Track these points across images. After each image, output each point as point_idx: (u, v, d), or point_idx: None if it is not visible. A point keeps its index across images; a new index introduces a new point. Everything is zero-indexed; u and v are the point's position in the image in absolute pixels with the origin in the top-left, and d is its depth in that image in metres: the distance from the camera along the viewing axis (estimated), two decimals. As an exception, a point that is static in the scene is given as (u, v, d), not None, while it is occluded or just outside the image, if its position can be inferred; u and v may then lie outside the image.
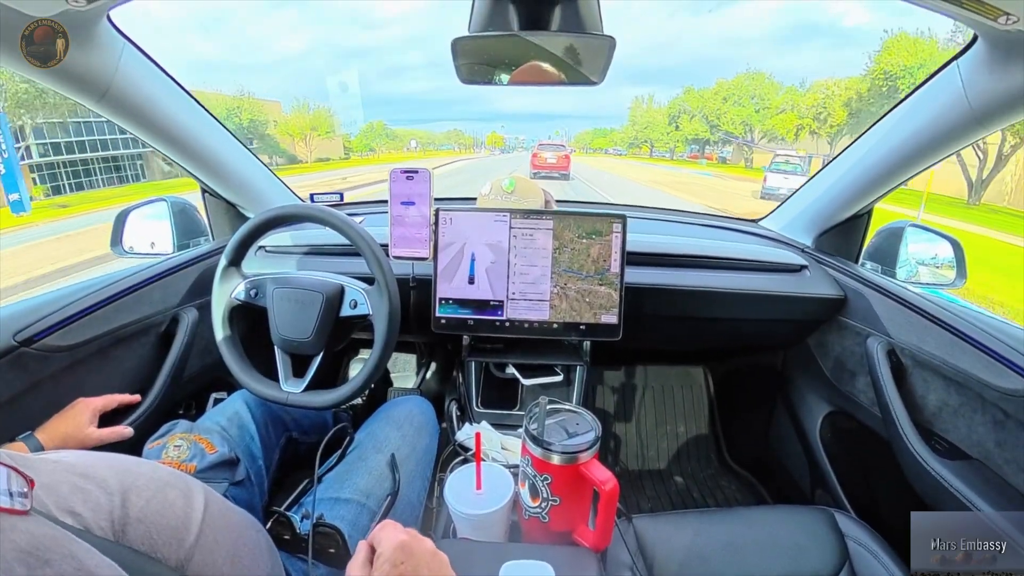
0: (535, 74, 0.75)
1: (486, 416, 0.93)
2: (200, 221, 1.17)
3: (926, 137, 0.82)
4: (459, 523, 0.64)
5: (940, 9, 0.59)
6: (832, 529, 0.75)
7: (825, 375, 1.10)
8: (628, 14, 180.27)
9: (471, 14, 0.67)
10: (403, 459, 0.79)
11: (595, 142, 73.61)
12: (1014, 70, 0.64)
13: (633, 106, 52.76)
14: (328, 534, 0.62)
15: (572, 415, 0.65)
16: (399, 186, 0.85)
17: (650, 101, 50.50)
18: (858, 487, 1.04)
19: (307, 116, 37.78)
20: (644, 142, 51.72)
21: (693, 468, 1.49)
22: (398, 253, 0.87)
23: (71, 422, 0.72)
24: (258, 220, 0.81)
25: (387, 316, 0.78)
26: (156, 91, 0.86)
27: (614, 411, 1.56)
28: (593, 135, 78.63)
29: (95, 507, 0.37)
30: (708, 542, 0.73)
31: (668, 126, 45.05)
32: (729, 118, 34.18)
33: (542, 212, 0.92)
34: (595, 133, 78.34)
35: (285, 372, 0.83)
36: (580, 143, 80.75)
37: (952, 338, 0.79)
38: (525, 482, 0.63)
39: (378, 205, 1.36)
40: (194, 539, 0.42)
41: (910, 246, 1.05)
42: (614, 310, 0.92)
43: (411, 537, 0.44)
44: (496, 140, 73.32)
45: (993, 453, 0.74)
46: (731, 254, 1.10)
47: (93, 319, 0.80)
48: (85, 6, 0.63)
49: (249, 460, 0.75)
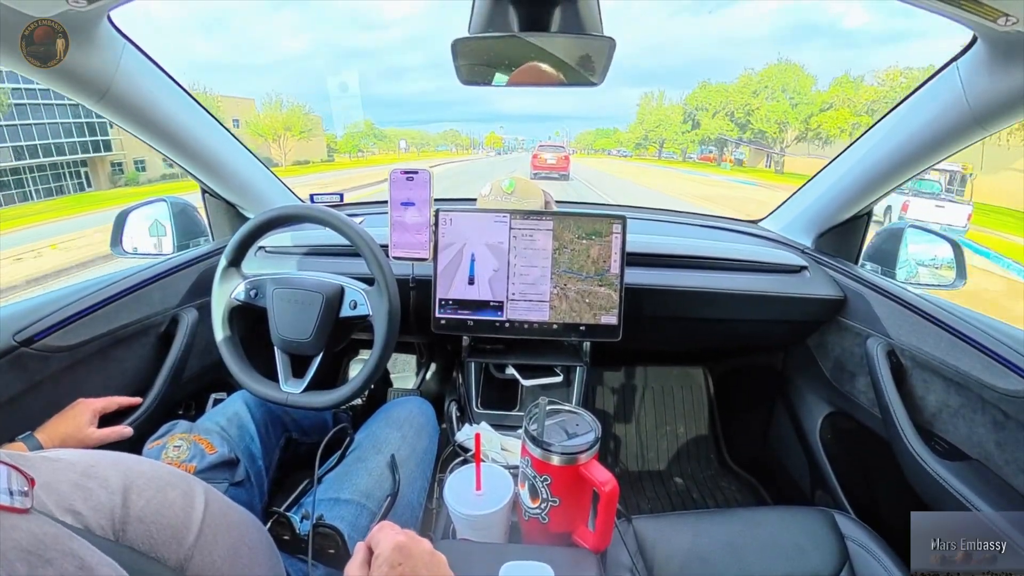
0: (535, 75, 0.75)
1: (486, 417, 0.93)
2: (200, 221, 1.17)
3: (925, 138, 0.82)
4: (459, 524, 0.64)
5: (939, 10, 0.59)
6: (832, 530, 0.75)
7: (825, 376, 1.09)
8: (628, 14, 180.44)
9: (471, 15, 0.67)
10: (403, 460, 0.78)
11: (598, 143, 71.47)
12: (1014, 71, 0.64)
13: (642, 103, 48.19)
14: (328, 535, 0.62)
15: (572, 416, 0.64)
16: (399, 187, 0.85)
17: (660, 98, 45.63)
18: (858, 488, 1.04)
19: (279, 115, 33.95)
20: (654, 142, 47.71)
21: (693, 469, 1.49)
22: (398, 254, 0.87)
23: (71, 422, 0.72)
24: (258, 220, 0.81)
25: (387, 317, 0.78)
26: (156, 91, 0.86)
27: (614, 412, 1.56)
28: (595, 135, 76.09)
29: (96, 506, 0.37)
30: (708, 543, 0.73)
31: (683, 124, 40.87)
32: (762, 114, 29.64)
33: (542, 213, 0.92)
34: (597, 133, 75.92)
35: (285, 372, 0.83)
36: (582, 143, 78.90)
37: (952, 339, 0.79)
38: (525, 483, 0.63)
39: (378, 206, 1.36)
40: (194, 539, 0.42)
41: (910, 247, 1.05)
42: (614, 311, 0.92)
43: (409, 538, 0.44)
44: (495, 141, 71.72)
45: (993, 454, 0.74)
46: (731, 255, 1.10)
47: (93, 319, 0.80)
48: (86, 6, 0.63)
49: (249, 461, 0.75)
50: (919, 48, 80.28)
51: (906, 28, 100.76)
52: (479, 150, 66.58)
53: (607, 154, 62.74)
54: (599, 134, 76.14)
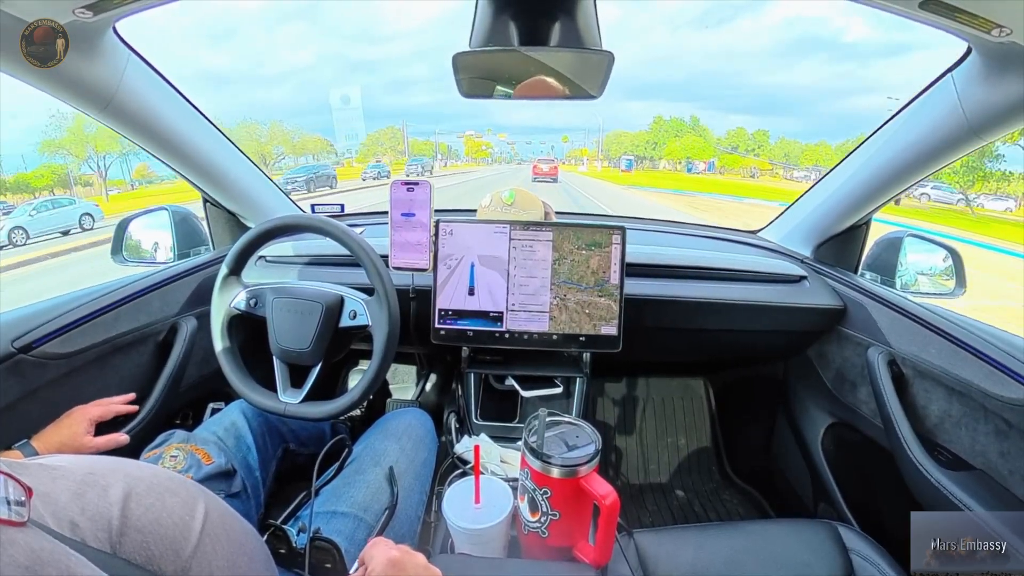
0: (535, 88, 0.75)
1: (485, 428, 0.92)
2: (201, 230, 1.18)
3: (922, 147, 0.83)
4: (457, 538, 0.63)
5: (933, 22, 0.60)
6: (836, 543, 0.74)
7: (826, 386, 1.09)
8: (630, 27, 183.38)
9: (472, 30, 0.68)
10: (401, 472, 0.78)
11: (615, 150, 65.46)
12: (1008, 81, 0.64)
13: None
14: (325, 549, 0.61)
15: (572, 427, 0.64)
16: (399, 197, 0.85)
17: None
18: (861, 499, 1.03)
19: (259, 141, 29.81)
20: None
21: (695, 481, 1.48)
22: (398, 264, 0.88)
23: (67, 431, 0.71)
24: (259, 230, 0.82)
25: (386, 327, 0.78)
26: (159, 102, 0.87)
27: (614, 423, 1.55)
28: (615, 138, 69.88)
29: (94, 516, 0.37)
30: (710, 557, 0.72)
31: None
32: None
33: (541, 224, 0.92)
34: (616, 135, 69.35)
35: (283, 382, 0.83)
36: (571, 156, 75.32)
37: (953, 348, 0.78)
38: (524, 496, 0.62)
39: (378, 216, 1.37)
40: (192, 549, 0.41)
41: (909, 256, 1.05)
42: (614, 321, 0.92)
43: (403, 553, 0.43)
44: (475, 148, 66.13)
45: (996, 463, 0.73)
46: (731, 265, 1.10)
47: (92, 327, 0.80)
48: (92, 18, 0.64)
49: (245, 472, 0.74)
50: (919, 59, 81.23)
51: (904, 41, 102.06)
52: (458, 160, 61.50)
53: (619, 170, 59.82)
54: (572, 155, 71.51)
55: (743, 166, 39.92)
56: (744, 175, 37.87)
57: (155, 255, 1.12)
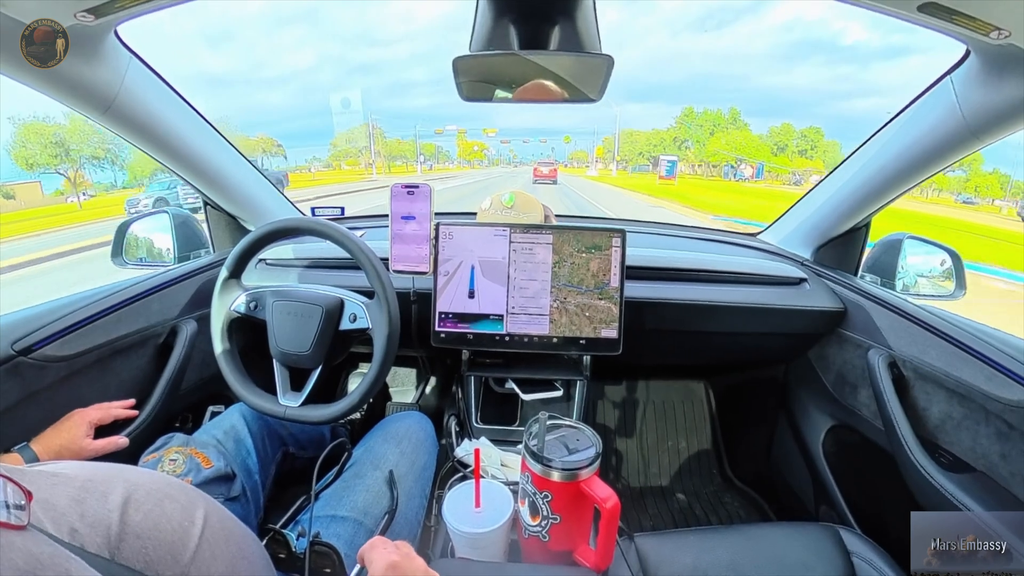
0: (535, 92, 0.76)
1: (485, 432, 0.92)
2: (201, 233, 1.18)
3: (922, 150, 0.83)
4: (457, 542, 0.62)
5: (932, 25, 0.60)
6: (837, 546, 0.74)
7: (827, 388, 1.09)
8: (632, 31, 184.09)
9: (472, 33, 0.68)
10: (401, 476, 0.77)
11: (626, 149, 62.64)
12: (1006, 83, 0.65)
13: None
14: (324, 553, 0.61)
15: (572, 431, 0.64)
16: (399, 201, 0.85)
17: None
18: (863, 502, 1.03)
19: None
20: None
21: (695, 484, 1.47)
22: (398, 267, 0.88)
23: (66, 434, 0.71)
24: (259, 233, 0.82)
25: (386, 330, 0.78)
26: (160, 105, 0.87)
27: (615, 427, 1.54)
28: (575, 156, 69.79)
29: (93, 522, 0.36)
30: (711, 561, 0.71)
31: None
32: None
33: (541, 227, 0.92)
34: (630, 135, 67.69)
35: (283, 385, 0.83)
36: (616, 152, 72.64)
37: (954, 350, 0.78)
38: (525, 500, 0.62)
39: (379, 219, 1.37)
40: (191, 555, 0.41)
41: (908, 257, 1.05)
42: (614, 324, 0.92)
43: (402, 556, 0.43)
44: (467, 149, 64.14)
45: (998, 465, 0.73)
46: (731, 267, 1.10)
47: (91, 329, 0.80)
48: (93, 21, 0.64)
49: (245, 475, 0.74)
50: (917, 63, 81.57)
51: (904, 43, 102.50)
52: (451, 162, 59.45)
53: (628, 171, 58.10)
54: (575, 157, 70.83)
55: (792, 170, 34.95)
56: (787, 181, 33.06)
57: (155, 258, 1.12)
